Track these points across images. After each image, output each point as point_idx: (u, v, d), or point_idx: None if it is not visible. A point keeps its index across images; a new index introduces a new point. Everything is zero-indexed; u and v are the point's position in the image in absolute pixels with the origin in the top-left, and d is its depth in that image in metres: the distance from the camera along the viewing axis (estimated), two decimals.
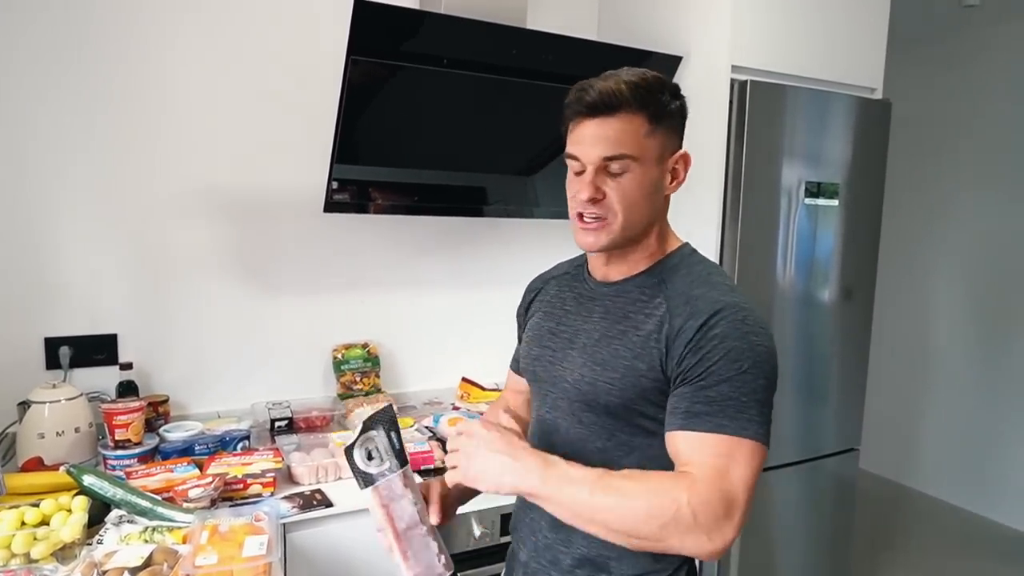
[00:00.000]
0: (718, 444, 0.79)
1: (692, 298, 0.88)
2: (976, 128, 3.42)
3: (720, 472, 0.78)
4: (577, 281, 1.05)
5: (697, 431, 0.81)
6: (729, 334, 0.83)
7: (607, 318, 0.95)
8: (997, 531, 3.29)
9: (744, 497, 0.78)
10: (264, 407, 1.84)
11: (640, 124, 0.87)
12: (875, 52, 2.19)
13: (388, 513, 0.88)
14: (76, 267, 1.71)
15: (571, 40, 1.81)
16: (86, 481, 1.26)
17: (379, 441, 0.89)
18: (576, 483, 0.79)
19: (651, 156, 0.89)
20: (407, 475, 0.91)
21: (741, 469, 0.79)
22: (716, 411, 0.80)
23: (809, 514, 2.22)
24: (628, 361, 0.89)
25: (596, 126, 0.87)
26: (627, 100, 0.86)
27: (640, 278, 0.95)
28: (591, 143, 0.88)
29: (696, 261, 0.96)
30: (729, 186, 1.92)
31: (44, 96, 1.64)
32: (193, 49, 1.77)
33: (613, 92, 0.86)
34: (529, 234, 2.28)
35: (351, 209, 1.81)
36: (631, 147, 0.87)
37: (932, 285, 3.65)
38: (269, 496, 1.40)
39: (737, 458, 0.79)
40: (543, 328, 1.05)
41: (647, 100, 0.87)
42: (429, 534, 0.91)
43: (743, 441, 0.79)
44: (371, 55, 1.59)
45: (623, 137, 0.87)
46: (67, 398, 1.52)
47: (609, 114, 0.87)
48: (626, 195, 0.89)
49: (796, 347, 2.08)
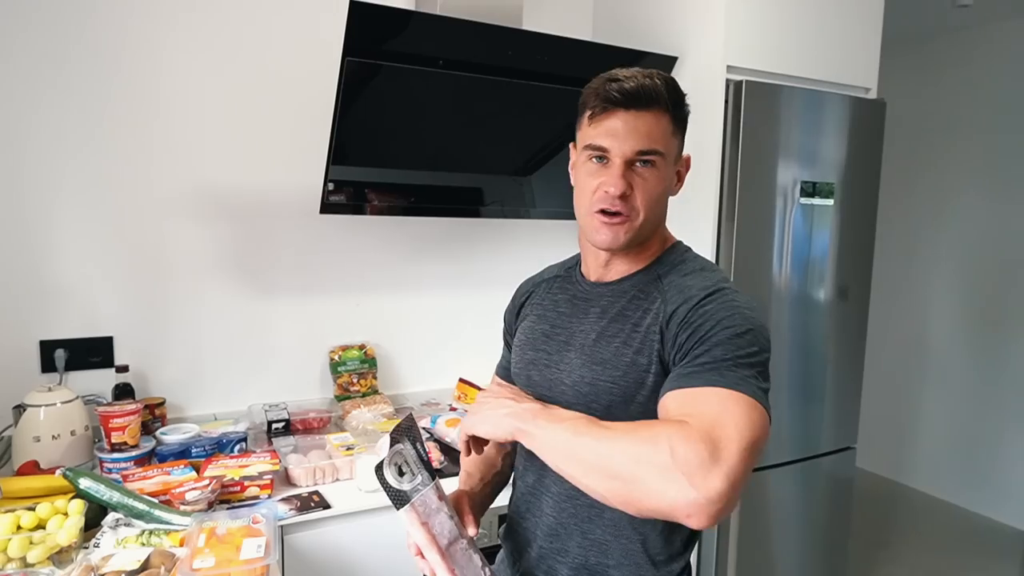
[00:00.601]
0: (710, 396, 0.74)
1: (685, 286, 0.88)
2: (970, 127, 3.43)
3: (711, 420, 0.71)
4: (569, 283, 1.03)
5: (688, 387, 0.77)
6: (720, 308, 0.82)
7: (604, 317, 0.94)
8: (993, 528, 3.30)
9: (736, 447, 0.69)
10: (261, 409, 1.84)
11: (668, 123, 0.88)
12: (869, 52, 2.20)
13: (429, 531, 0.81)
14: (71, 269, 1.71)
15: (566, 41, 1.81)
16: (82, 484, 1.26)
17: (407, 454, 0.83)
18: (565, 420, 0.79)
19: (672, 156, 0.90)
20: (439, 487, 0.85)
21: (735, 419, 0.71)
22: (709, 369, 0.77)
23: (806, 512, 2.23)
24: (630, 358, 0.88)
25: (631, 119, 0.86)
26: (663, 97, 0.86)
27: (637, 277, 0.94)
28: (625, 135, 0.86)
29: (690, 258, 0.96)
30: (725, 186, 1.93)
31: (39, 98, 1.63)
32: (189, 51, 1.77)
33: (651, 87, 0.85)
34: (526, 234, 2.28)
35: (347, 211, 1.81)
36: (662, 144, 0.87)
37: (927, 283, 3.66)
38: (266, 498, 1.40)
39: (731, 408, 0.72)
40: (536, 331, 1.02)
41: (677, 100, 0.88)
42: (470, 547, 0.86)
43: (738, 395, 0.73)
44: (367, 56, 1.59)
45: (656, 133, 0.86)
46: (63, 401, 1.51)
47: (644, 108, 0.86)
48: (651, 193, 0.88)
49: (792, 346, 2.09)
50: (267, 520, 1.21)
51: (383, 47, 1.62)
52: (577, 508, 0.93)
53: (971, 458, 3.46)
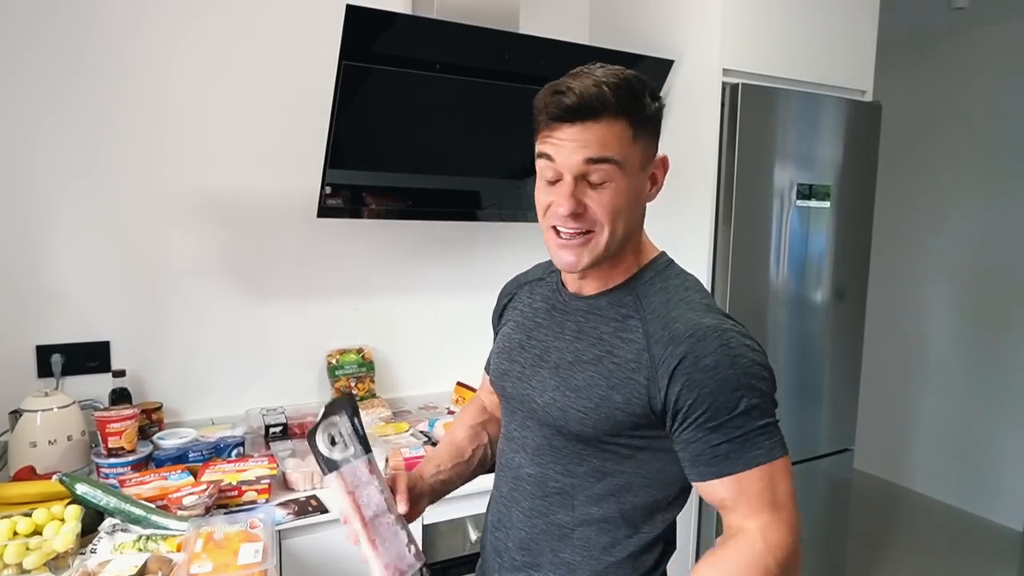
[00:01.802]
0: (760, 477, 0.80)
1: (669, 321, 0.82)
2: (966, 129, 3.44)
3: (775, 504, 0.80)
4: (550, 290, 0.98)
5: (734, 473, 0.79)
6: (720, 363, 0.78)
7: (581, 339, 0.89)
8: (990, 529, 3.31)
9: (795, 509, 0.83)
10: (258, 413, 1.84)
11: (623, 128, 0.80)
12: (865, 55, 2.21)
13: (354, 500, 0.85)
14: (68, 274, 1.70)
15: (563, 44, 1.82)
16: (79, 490, 1.26)
17: (342, 426, 0.86)
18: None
19: (635, 163, 0.82)
20: (372, 462, 0.88)
21: (786, 486, 0.82)
22: (741, 447, 0.79)
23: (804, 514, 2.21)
24: (603, 391, 0.84)
25: (577, 132, 0.79)
26: (611, 104, 0.78)
27: (614, 294, 0.89)
28: (571, 150, 0.79)
29: (672, 275, 0.90)
30: (721, 188, 1.93)
31: (37, 103, 1.63)
32: (186, 57, 1.77)
33: (596, 96, 0.78)
34: (523, 237, 2.28)
35: (345, 214, 1.81)
36: (616, 151, 0.80)
37: (924, 285, 3.67)
38: (264, 503, 1.40)
39: (778, 480, 0.81)
40: (513, 341, 0.99)
41: (631, 104, 0.80)
42: (398, 523, 0.88)
43: (775, 463, 0.80)
44: (363, 60, 1.59)
45: (608, 141, 0.79)
46: (59, 406, 1.51)
47: (591, 119, 0.78)
48: (610, 205, 0.81)
49: (789, 348, 2.09)
50: (265, 525, 1.21)
51: (380, 51, 1.62)
52: (548, 526, 0.92)
53: (968, 459, 3.47)
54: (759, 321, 2.01)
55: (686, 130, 1.99)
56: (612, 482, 0.88)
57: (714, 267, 1.97)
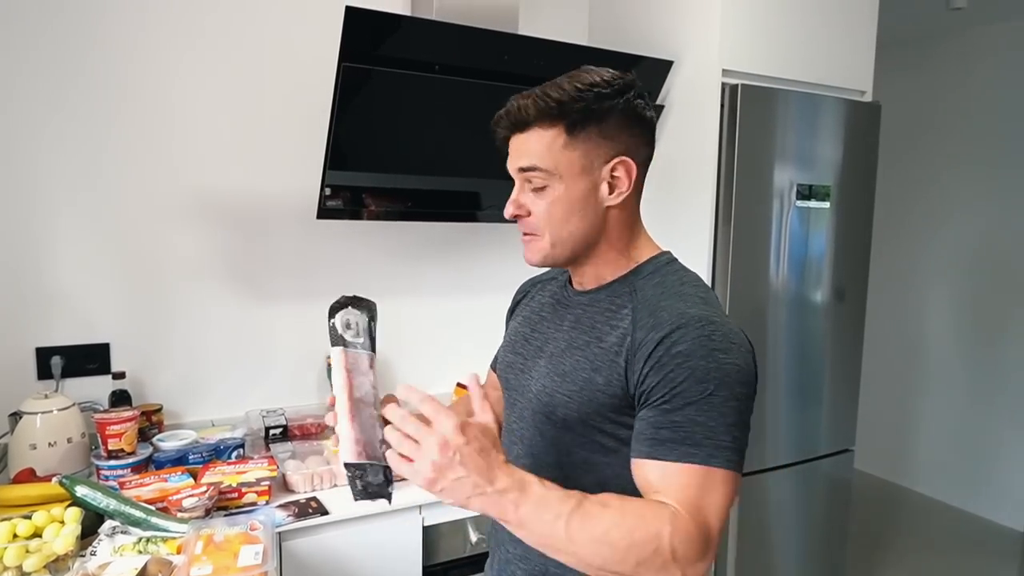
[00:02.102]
0: (689, 474, 0.76)
1: (657, 309, 0.83)
2: (966, 129, 3.44)
3: (696, 506, 0.75)
4: (558, 287, 1.02)
5: (665, 460, 0.77)
6: (694, 351, 0.77)
7: (575, 328, 0.92)
8: (991, 529, 3.31)
9: (718, 529, 0.76)
10: (258, 415, 1.83)
11: (554, 136, 0.84)
12: (864, 55, 2.21)
13: (349, 379, 0.85)
14: (67, 276, 1.70)
15: (562, 45, 1.82)
16: (79, 492, 1.25)
17: (361, 321, 0.90)
18: (551, 511, 0.72)
19: (571, 169, 0.84)
20: (374, 361, 0.90)
21: (715, 500, 0.75)
22: (682, 438, 0.76)
23: (804, 515, 2.23)
24: (587, 374, 0.86)
25: (514, 142, 0.87)
26: (533, 117, 0.84)
27: (612, 287, 0.91)
28: (511, 159, 0.88)
29: (672, 271, 0.91)
30: (721, 189, 1.93)
31: (36, 105, 1.63)
32: (186, 58, 1.77)
33: (519, 109, 0.85)
34: None
35: (344, 215, 1.81)
36: (543, 160, 0.84)
37: (924, 285, 3.67)
38: (264, 505, 1.40)
39: (709, 489, 0.75)
40: (519, 334, 1.03)
41: (561, 111, 0.83)
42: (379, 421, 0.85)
43: (713, 471, 0.76)
44: (363, 61, 1.59)
45: (535, 149, 0.85)
46: (59, 408, 1.51)
47: (520, 130, 0.86)
48: (548, 211, 0.86)
49: (790, 349, 2.09)
50: (265, 527, 1.21)
51: (379, 52, 1.62)
52: None
53: (969, 459, 3.47)
54: (759, 321, 2.02)
55: (686, 131, 1.99)
56: (600, 475, 0.88)
57: (714, 268, 1.97)
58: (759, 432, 2.03)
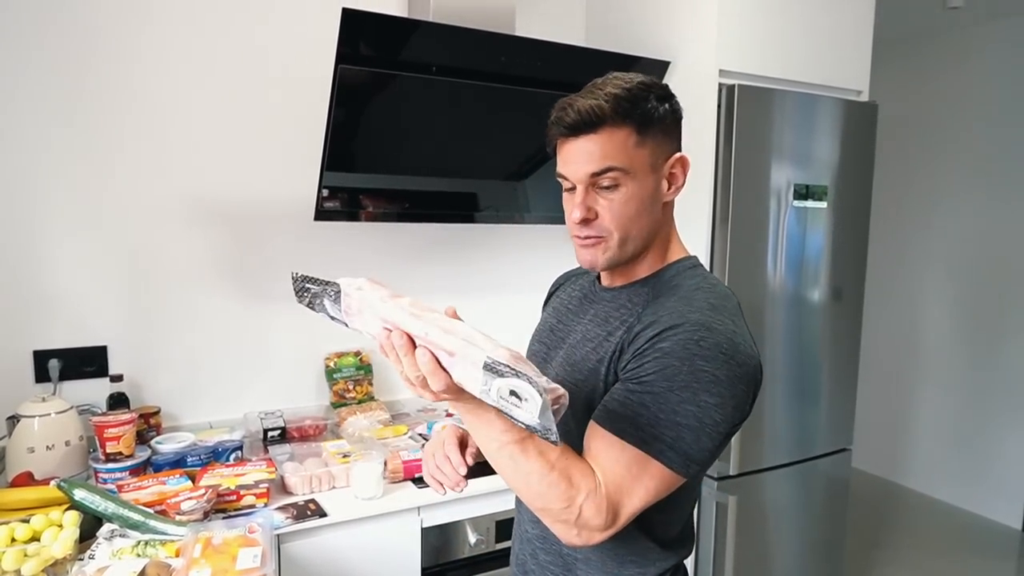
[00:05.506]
0: (621, 451, 0.78)
1: (661, 309, 0.85)
2: (962, 128, 3.45)
3: (618, 485, 0.78)
4: (589, 281, 1.04)
5: (605, 428, 0.80)
6: (674, 351, 0.79)
7: (593, 321, 0.95)
8: (988, 527, 3.32)
9: (630, 513, 0.78)
10: (256, 417, 1.83)
11: (626, 135, 0.84)
12: (861, 55, 2.22)
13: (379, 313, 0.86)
14: (64, 279, 1.70)
15: (559, 46, 1.82)
16: (77, 495, 1.25)
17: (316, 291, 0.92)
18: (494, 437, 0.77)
19: (643, 166, 0.86)
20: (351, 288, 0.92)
21: (637, 488, 0.78)
22: (627, 415, 0.79)
23: (803, 514, 2.23)
24: (592, 364, 0.89)
25: (580, 144, 0.85)
26: (608, 115, 0.83)
27: (635, 286, 0.93)
28: (577, 162, 0.85)
29: (691, 275, 0.92)
30: (719, 189, 1.94)
31: (31, 108, 1.63)
32: (181, 59, 1.77)
33: (593, 109, 0.83)
34: (520, 239, 2.28)
35: (342, 217, 1.81)
36: (619, 159, 0.84)
37: (921, 284, 3.68)
38: (263, 507, 1.40)
39: (637, 475, 0.78)
40: (546, 325, 1.06)
41: (631, 111, 0.84)
42: None
43: (647, 459, 0.78)
44: (360, 63, 1.59)
45: (609, 150, 0.84)
46: (57, 411, 1.51)
47: (591, 131, 0.84)
48: (620, 211, 0.86)
49: (787, 348, 2.10)
50: (263, 529, 1.21)
51: (376, 54, 1.62)
52: None
53: (966, 457, 3.48)
54: (756, 321, 2.02)
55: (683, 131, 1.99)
56: None
57: (711, 268, 1.97)
58: (757, 431, 2.04)
